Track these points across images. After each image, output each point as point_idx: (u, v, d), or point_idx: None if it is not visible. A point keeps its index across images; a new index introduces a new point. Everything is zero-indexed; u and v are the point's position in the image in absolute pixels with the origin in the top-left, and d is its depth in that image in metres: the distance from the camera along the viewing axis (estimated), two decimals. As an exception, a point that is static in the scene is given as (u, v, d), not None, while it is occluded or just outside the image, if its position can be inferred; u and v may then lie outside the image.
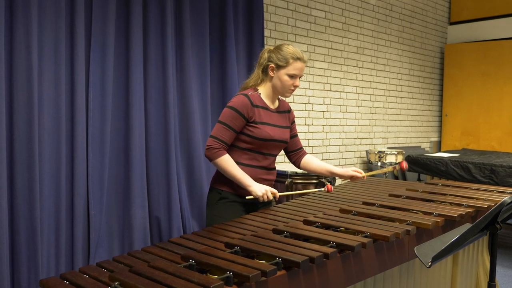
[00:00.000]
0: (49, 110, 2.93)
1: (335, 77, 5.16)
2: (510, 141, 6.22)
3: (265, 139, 2.22)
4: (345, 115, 5.31)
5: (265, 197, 2.11)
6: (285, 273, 1.37)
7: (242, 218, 2.01)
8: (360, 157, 5.55)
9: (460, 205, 2.22)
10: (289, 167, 4.04)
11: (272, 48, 2.30)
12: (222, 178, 2.27)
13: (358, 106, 5.50)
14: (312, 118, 4.91)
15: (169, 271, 1.30)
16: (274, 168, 2.38)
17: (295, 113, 4.70)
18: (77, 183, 3.03)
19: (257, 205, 2.31)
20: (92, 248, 3.12)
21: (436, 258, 1.33)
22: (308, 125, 4.86)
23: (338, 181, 5.17)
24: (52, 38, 2.93)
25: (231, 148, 2.24)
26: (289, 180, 3.74)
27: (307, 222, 1.86)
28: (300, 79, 2.30)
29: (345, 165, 5.36)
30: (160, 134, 3.45)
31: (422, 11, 6.43)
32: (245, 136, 2.21)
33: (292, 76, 2.22)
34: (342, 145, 5.30)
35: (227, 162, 2.15)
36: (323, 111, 5.03)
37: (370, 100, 5.66)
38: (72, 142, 3.03)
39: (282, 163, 4.56)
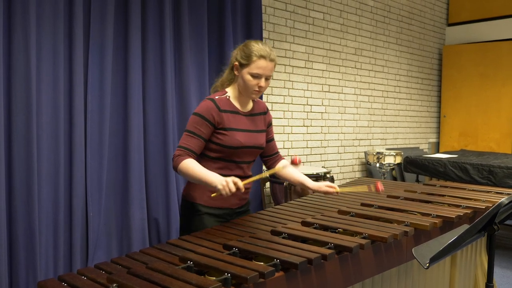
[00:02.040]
0: (48, 111, 2.93)
1: (334, 78, 5.16)
2: (508, 142, 6.23)
3: (235, 146, 2.02)
4: (343, 116, 5.32)
5: (227, 189, 1.81)
6: (283, 275, 1.37)
7: (240, 220, 2.01)
8: (359, 158, 5.56)
9: (458, 206, 2.22)
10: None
11: (242, 45, 2.09)
12: (192, 189, 2.10)
13: (357, 107, 5.50)
14: (311, 119, 4.91)
15: (167, 273, 1.30)
16: (250, 176, 2.16)
17: (294, 115, 4.71)
18: (75, 184, 3.02)
19: (232, 215, 2.13)
20: (90, 250, 3.12)
21: (434, 259, 1.33)
22: (307, 126, 4.87)
23: (337, 182, 5.18)
24: (50, 40, 2.93)
25: (201, 159, 2.06)
26: (287, 182, 3.73)
27: (305, 224, 1.86)
28: (268, 80, 2.04)
29: (344, 166, 5.36)
30: (159, 135, 3.45)
31: (420, 12, 6.44)
32: (214, 145, 2.03)
33: (255, 76, 1.99)
34: (341, 146, 5.31)
35: (188, 165, 1.91)
36: (322, 112, 5.04)
37: (369, 101, 5.67)
38: (71, 144, 3.03)
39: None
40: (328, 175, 3.96)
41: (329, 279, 1.51)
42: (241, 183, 1.84)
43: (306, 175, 3.79)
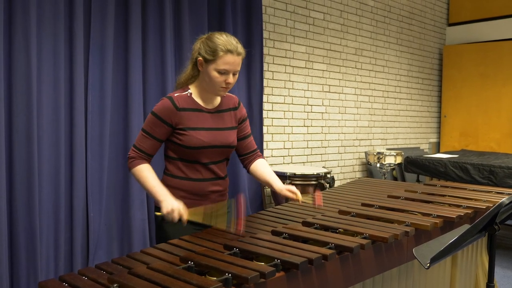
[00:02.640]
0: (48, 112, 2.93)
1: (334, 79, 5.16)
2: (509, 142, 6.22)
3: (197, 147, 1.89)
4: (344, 116, 5.32)
5: (170, 217, 1.76)
6: (283, 275, 1.37)
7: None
8: (359, 158, 5.56)
9: (458, 206, 2.22)
10: (288, 168, 4.04)
11: (205, 37, 1.92)
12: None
13: (357, 107, 5.50)
14: (311, 119, 4.91)
15: (168, 273, 1.30)
16: (223, 177, 2.04)
17: (295, 115, 4.71)
18: (76, 185, 3.03)
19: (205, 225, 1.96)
20: (91, 250, 3.12)
21: (435, 259, 1.33)
22: (307, 126, 4.87)
23: (337, 183, 5.18)
24: (51, 40, 2.93)
25: (167, 161, 1.98)
26: (288, 181, 3.74)
27: (306, 224, 1.86)
28: (235, 75, 1.89)
29: (344, 166, 5.36)
30: (159, 135, 3.45)
31: (421, 12, 6.44)
32: (175, 145, 1.91)
33: (222, 72, 1.84)
34: (341, 146, 5.31)
35: (141, 172, 1.85)
36: (322, 113, 5.04)
37: (369, 102, 5.66)
38: (71, 144, 3.03)
39: (281, 165, 4.56)
40: (328, 175, 3.96)
41: (329, 279, 1.51)
42: (185, 217, 1.76)
43: (307, 175, 3.81)
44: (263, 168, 2.11)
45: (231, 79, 1.87)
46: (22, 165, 2.78)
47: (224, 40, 1.85)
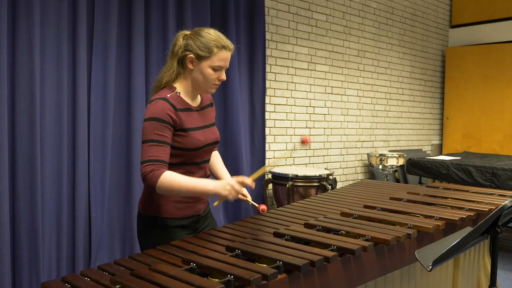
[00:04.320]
0: (51, 113, 2.94)
1: (337, 80, 5.16)
2: (512, 144, 6.21)
3: (197, 147, 1.83)
4: (346, 118, 5.32)
5: (233, 193, 1.68)
6: (286, 277, 1.37)
7: (243, 222, 2.01)
8: (362, 160, 5.55)
9: (461, 208, 2.22)
10: (290, 170, 4.04)
11: (188, 33, 1.84)
12: (151, 201, 1.86)
13: (360, 109, 5.50)
14: (314, 121, 4.91)
15: (170, 274, 1.30)
16: (209, 175, 2.01)
17: (297, 116, 4.71)
18: (78, 185, 3.03)
19: (198, 222, 1.95)
20: (93, 251, 3.12)
21: (437, 262, 1.33)
22: (310, 128, 4.87)
23: (339, 184, 5.18)
24: (54, 41, 2.94)
25: None
26: (290, 183, 3.74)
27: (308, 226, 1.86)
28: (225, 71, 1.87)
29: (347, 168, 5.36)
30: (162, 137, 3.46)
31: (423, 14, 6.44)
32: (173, 149, 1.79)
33: (216, 69, 1.80)
34: (343, 148, 5.30)
35: (171, 178, 1.67)
36: (325, 114, 5.04)
37: (371, 103, 5.66)
38: (74, 145, 3.04)
39: (283, 166, 4.56)
40: (331, 177, 3.96)
41: (331, 282, 1.51)
42: (248, 180, 1.69)
43: (309, 177, 3.81)
44: (216, 161, 2.08)
45: (224, 75, 1.84)
46: (24, 166, 2.79)
47: (215, 35, 1.80)
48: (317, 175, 3.85)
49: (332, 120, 5.13)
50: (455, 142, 6.68)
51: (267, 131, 4.39)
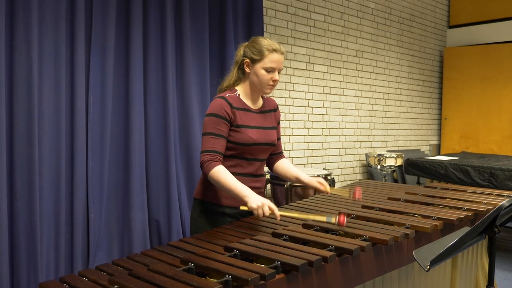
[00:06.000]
0: (49, 113, 2.94)
1: (335, 81, 5.17)
2: (510, 144, 6.22)
3: (248, 143, 2.03)
4: (344, 118, 5.32)
5: (260, 211, 1.81)
6: (284, 277, 1.37)
7: (241, 222, 2.02)
8: (360, 160, 5.56)
9: (459, 208, 2.22)
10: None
11: (247, 43, 2.12)
12: (204, 188, 2.11)
13: (358, 110, 5.50)
14: (312, 121, 4.91)
15: (168, 275, 1.31)
16: (262, 175, 2.19)
17: (295, 117, 4.71)
18: (76, 186, 3.03)
19: (244, 216, 2.09)
20: (91, 251, 3.12)
21: (435, 262, 1.33)
22: (308, 128, 4.87)
23: (338, 184, 5.18)
24: (52, 42, 2.94)
25: None
26: (288, 183, 3.74)
27: (306, 226, 1.87)
28: (280, 73, 2.08)
29: (345, 168, 5.37)
30: (160, 137, 3.46)
31: (421, 14, 6.45)
32: (228, 143, 2.02)
33: (269, 70, 2.02)
34: (342, 148, 5.31)
35: (219, 173, 1.90)
36: (323, 114, 5.04)
37: (370, 104, 5.67)
38: (72, 146, 3.04)
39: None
40: (329, 177, 3.96)
41: (329, 282, 1.51)
42: (277, 211, 1.83)
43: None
44: (288, 165, 2.28)
45: (277, 76, 2.04)
46: (22, 166, 2.78)
47: (268, 41, 2.04)
48: (315, 175, 3.85)
49: (330, 120, 5.14)
50: (453, 142, 6.69)
51: (265, 131, 4.39)
